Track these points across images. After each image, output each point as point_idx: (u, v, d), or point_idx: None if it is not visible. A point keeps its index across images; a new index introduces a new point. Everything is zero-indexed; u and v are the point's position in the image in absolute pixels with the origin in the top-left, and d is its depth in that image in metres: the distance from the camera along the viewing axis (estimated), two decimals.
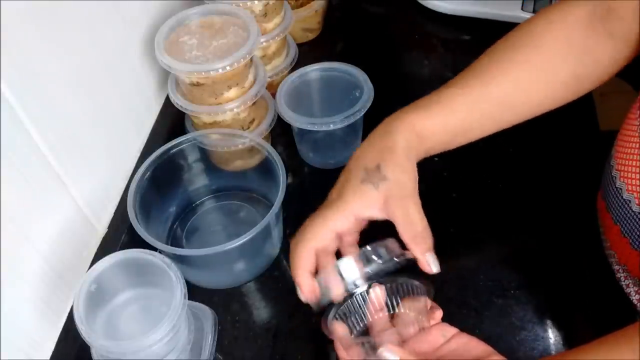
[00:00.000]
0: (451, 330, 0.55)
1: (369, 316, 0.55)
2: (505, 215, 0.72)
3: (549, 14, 0.58)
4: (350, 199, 0.52)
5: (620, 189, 0.56)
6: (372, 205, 0.52)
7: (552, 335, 0.60)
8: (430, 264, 0.51)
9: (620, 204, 0.56)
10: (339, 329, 0.52)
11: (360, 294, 0.54)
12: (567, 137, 0.78)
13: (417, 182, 0.53)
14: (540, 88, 0.58)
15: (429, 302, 0.53)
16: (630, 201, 0.54)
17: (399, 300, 0.53)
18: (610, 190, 0.58)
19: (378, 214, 0.52)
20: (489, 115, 0.58)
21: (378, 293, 0.55)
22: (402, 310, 0.53)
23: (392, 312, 0.53)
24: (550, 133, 0.78)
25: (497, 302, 0.63)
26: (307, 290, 0.52)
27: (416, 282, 0.53)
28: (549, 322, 0.61)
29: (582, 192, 0.71)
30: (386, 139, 0.54)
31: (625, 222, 0.55)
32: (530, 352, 0.59)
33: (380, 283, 0.52)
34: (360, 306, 0.55)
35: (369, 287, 0.52)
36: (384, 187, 0.52)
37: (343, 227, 0.53)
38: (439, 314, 0.53)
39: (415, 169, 0.54)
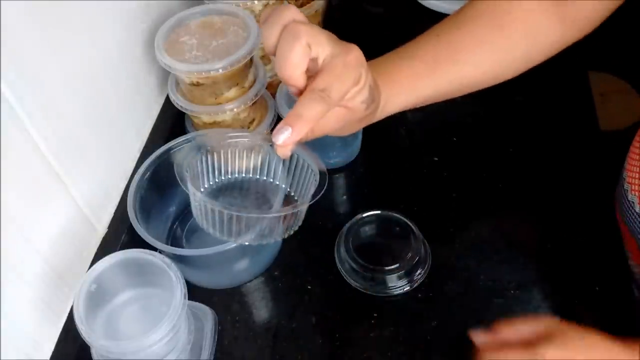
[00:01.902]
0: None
1: None
2: (505, 215, 0.72)
3: None
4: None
5: (627, 190, 0.56)
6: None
7: None
8: (281, 134, 0.44)
9: (628, 206, 0.56)
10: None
11: None
12: (567, 137, 0.78)
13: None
14: (497, 67, 0.58)
15: None
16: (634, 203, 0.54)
17: None
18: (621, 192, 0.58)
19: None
20: (447, 93, 0.58)
21: None
22: None
23: None
24: (550, 133, 0.78)
25: (497, 302, 0.63)
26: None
27: None
28: None
29: (582, 192, 0.71)
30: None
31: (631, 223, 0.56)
32: None
33: None
34: None
35: None
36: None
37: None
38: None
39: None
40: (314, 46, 0.45)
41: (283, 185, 0.58)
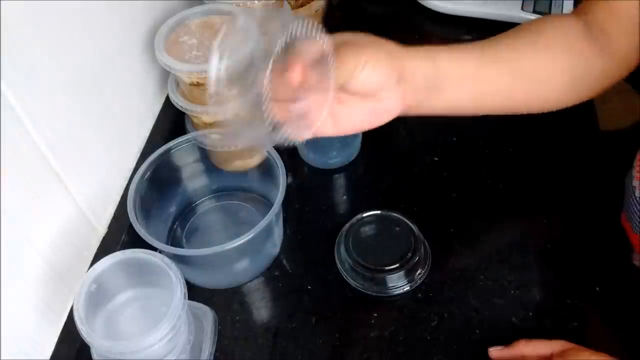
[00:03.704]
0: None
1: None
2: (505, 215, 0.72)
3: (555, 21, 0.61)
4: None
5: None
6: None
7: (552, 336, 0.60)
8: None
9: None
10: None
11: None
12: (567, 137, 0.78)
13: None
14: (544, 84, 0.59)
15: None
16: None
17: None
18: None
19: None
20: (506, 93, 0.59)
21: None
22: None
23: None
24: (550, 133, 0.78)
25: (497, 302, 0.63)
26: None
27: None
28: (549, 322, 0.61)
29: (582, 192, 0.71)
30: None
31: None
32: None
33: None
34: None
35: None
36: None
37: None
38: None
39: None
40: None
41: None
